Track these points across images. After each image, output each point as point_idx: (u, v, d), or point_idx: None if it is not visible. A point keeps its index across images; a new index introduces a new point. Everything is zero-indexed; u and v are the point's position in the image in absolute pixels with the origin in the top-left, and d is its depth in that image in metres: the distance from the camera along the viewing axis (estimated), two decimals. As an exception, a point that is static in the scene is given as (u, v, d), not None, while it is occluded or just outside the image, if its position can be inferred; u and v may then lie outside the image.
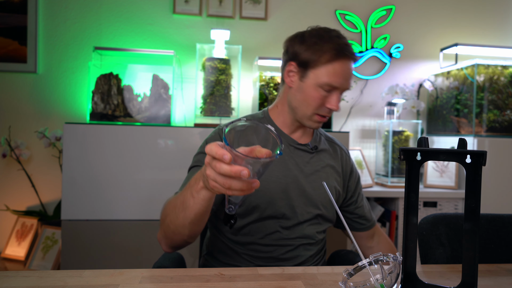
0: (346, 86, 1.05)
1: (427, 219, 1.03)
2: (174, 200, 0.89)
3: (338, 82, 1.02)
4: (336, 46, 1.03)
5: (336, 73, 1.02)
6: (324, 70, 1.02)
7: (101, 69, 1.91)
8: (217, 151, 0.64)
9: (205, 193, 0.78)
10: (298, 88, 1.06)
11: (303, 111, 1.06)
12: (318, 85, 1.03)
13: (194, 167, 1.05)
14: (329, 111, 1.05)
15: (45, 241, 1.94)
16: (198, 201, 0.80)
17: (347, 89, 1.06)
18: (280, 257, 1.04)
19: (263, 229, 1.04)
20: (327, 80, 1.02)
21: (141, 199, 1.74)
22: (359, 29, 2.37)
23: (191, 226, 0.86)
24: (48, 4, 2.13)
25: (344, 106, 2.37)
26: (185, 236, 0.89)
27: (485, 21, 2.51)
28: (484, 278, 0.80)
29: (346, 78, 1.03)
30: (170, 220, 0.88)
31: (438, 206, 2.06)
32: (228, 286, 0.72)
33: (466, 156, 0.60)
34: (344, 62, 1.02)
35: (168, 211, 0.89)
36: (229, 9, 2.23)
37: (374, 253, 0.61)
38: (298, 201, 1.06)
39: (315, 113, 1.05)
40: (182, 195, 0.84)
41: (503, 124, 2.10)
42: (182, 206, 0.83)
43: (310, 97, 1.04)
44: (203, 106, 1.98)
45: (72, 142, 1.70)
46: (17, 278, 0.72)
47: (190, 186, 0.82)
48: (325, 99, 1.04)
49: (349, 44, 1.06)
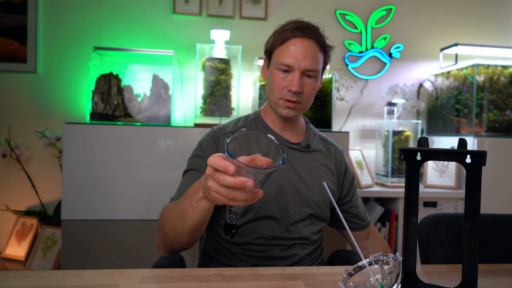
0: (302, 65, 1.01)
1: (427, 219, 1.03)
2: (172, 208, 0.89)
3: (291, 61, 1.01)
4: (290, 27, 1.03)
5: (289, 52, 1.01)
6: (279, 51, 1.03)
7: (101, 69, 1.91)
8: (220, 163, 0.63)
9: (205, 204, 0.78)
10: (268, 77, 1.09)
11: (271, 98, 1.07)
12: (276, 68, 1.03)
13: (189, 171, 1.05)
14: (292, 94, 1.02)
15: (45, 241, 1.94)
16: (198, 211, 0.80)
17: (307, 69, 1.02)
18: (276, 256, 1.05)
19: (258, 229, 1.04)
20: (281, 59, 1.02)
21: (141, 199, 1.74)
22: (359, 29, 2.37)
23: (190, 234, 0.86)
24: (48, 4, 2.13)
25: (344, 106, 2.37)
26: (184, 243, 0.90)
27: (485, 21, 2.51)
28: (484, 278, 0.80)
29: (299, 55, 1.00)
30: (169, 228, 0.88)
31: (438, 206, 2.06)
32: (228, 286, 0.72)
33: (466, 156, 0.60)
34: (298, 40, 1.01)
35: (166, 219, 0.90)
36: (229, 9, 2.23)
37: (374, 253, 0.61)
38: (292, 200, 1.06)
39: (280, 98, 1.04)
40: (181, 204, 0.84)
41: (503, 124, 2.10)
42: (181, 215, 0.83)
43: (272, 82, 1.05)
44: (203, 106, 1.98)
45: (72, 142, 1.70)
46: (17, 278, 0.72)
47: (189, 195, 0.81)
48: (286, 81, 1.03)
49: (308, 25, 1.04)
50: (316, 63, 1.03)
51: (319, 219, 1.11)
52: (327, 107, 2.04)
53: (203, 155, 1.05)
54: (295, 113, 1.06)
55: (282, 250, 1.05)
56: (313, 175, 1.10)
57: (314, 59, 1.02)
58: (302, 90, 1.02)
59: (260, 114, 1.14)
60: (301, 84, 1.02)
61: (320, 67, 1.05)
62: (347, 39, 2.37)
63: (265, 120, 1.12)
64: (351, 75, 2.37)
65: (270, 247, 1.04)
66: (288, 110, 1.04)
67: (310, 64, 1.01)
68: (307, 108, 1.08)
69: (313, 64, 1.02)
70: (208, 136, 1.09)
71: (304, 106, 1.06)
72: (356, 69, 2.38)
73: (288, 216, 1.05)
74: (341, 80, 2.34)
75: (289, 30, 1.02)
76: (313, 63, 1.02)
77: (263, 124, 1.12)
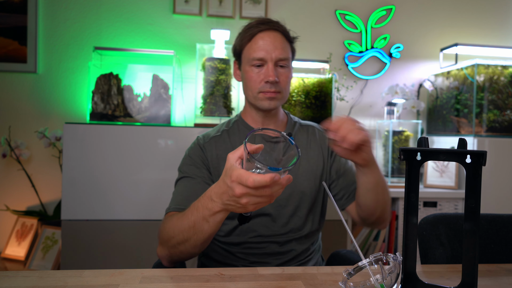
0: (273, 55, 1.04)
1: (427, 219, 1.03)
2: (179, 222, 0.87)
3: (262, 53, 1.04)
4: (255, 23, 1.06)
5: (259, 46, 1.04)
6: (248, 48, 1.06)
7: (101, 69, 1.91)
8: (262, 180, 0.64)
9: (223, 216, 0.78)
10: (241, 78, 1.12)
11: (249, 95, 1.09)
12: (249, 64, 1.06)
13: (182, 179, 1.06)
14: (270, 85, 1.05)
15: (45, 241, 1.94)
16: (214, 224, 0.80)
17: (279, 58, 1.05)
18: (274, 252, 1.06)
19: (253, 227, 1.05)
20: (253, 55, 1.05)
21: (141, 199, 1.74)
22: (359, 29, 2.37)
23: (202, 246, 0.86)
24: (48, 4, 2.13)
25: (344, 106, 2.37)
26: (194, 254, 0.90)
27: (485, 21, 2.51)
28: (484, 278, 0.80)
29: (269, 47, 1.04)
30: (178, 242, 0.87)
31: (438, 206, 2.06)
32: (228, 286, 0.72)
33: (466, 156, 0.60)
34: (265, 33, 1.05)
35: (173, 234, 0.88)
36: (229, 9, 2.23)
37: (374, 254, 0.61)
38: (283, 193, 1.06)
39: (259, 92, 1.06)
40: (192, 219, 0.82)
41: (503, 124, 2.10)
42: (194, 229, 0.82)
43: (248, 79, 1.07)
44: (203, 106, 1.98)
45: (72, 142, 1.70)
46: (17, 278, 0.72)
47: (197, 210, 0.80)
48: (261, 75, 1.05)
49: (270, 19, 1.08)
50: (286, 52, 1.06)
51: (311, 207, 1.10)
52: (327, 107, 2.04)
53: (193, 163, 1.07)
54: (276, 103, 1.08)
55: (279, 246, 1.06)
56: (300, 163, 1.10)
57: (284, 49, 1.06)
58: (278, 80, 1.05)
59: (241, 116, 1.17)
60: (277, 74, 1.05)
61: (290, 56, 1.09)
62: (347, 39, 2.37)
63: (246, 121, 1.14)
64: (351, 75, 2.37)
65: (267, 244, 1.06)
66: (269, 101, 1.06)
67: (281, 53, 1.05)
68: (286, 97, 1.10)
69: (284, 53, 1.06)
70: (195, 145, 1.12)
71: (283, 95, 1.08)
72: (356, 69, 2.38)
73: (281, 211, 1.06)
74: (341, 80, 2.34)
75: (254, 26, 1.06)
76: (282, 52, 1.05)
77: (244, 124, 1.14)
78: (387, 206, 1.06)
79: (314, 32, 2.34)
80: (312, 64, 2.19)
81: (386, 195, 1.04)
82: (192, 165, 1.06)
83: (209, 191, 0.78)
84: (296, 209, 1.08)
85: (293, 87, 2.03)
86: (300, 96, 2.02)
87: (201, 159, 1.07)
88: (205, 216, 0.79)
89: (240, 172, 0.66)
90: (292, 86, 2.03)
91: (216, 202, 0.75)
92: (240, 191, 0.67)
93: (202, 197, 0.80)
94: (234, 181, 0.67)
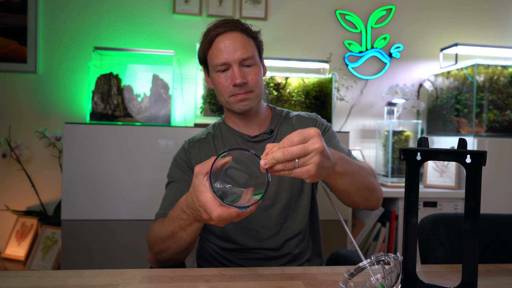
0: (235, 57, 1.00)
1: (427, 219, 1.03)
2: (159, 230, 0.90)
3: (224, 57, 1.00)
4: (212, 27, 1.03)
5: (219, 50, 1.01)
6: (210, 54, 1.03)
7: (101, 69, 1.91)
8: (228, 216, 0.66)
9: (198, 225, 0.81)
10: (212, 84, 1.09)
11: (222, 100, 1.07)
12: (215, 71, 1.03)
13: (170, 184, 1.08)
14: (239, 88, 1.02)
15: (45, 241, 1.93)
16: (192, 232, 0.83)
17: (242, 58, 1.01)
18: (269, 256, 1.06)
19: (244, 232, 1.06)
20: (215, 61, 1.02)
21: (141, 199, 1.74)
22: (359, 29, 2.37)
23: (186, 250, 0.89)
24: (48, 4, 2.13)
25: (344, 106, 2.37)
26: (180, 259, 0.93)
27: (485, 21, 2.51)
28: (484, 278, 0.80)
29: (230, 50, 1.00)
30: (161, 250, 0.90)
31: (438, 206, 2.06)
32: (228, 286, 0.72)
33: (466, 156, 0.60)
34: (223, 36, 1.01)
35: (156, 242, 0.91)
36: (229, 9, 2.23)
37: (375, 254, 0.61)
38: (267, 195, 1.06)
39: (230, 96, 1.04)
40: (170, 228, 0.85)
41: (503, 124, 2.10)
42: (173, 238, 0.85)
43: (217, 85, 1.05)
44: (203, 106, 1.98)
45: (72, 142, 1.70)
46: (17, 278, 0.72)
47: (176, 218, 0.83)
48: (228, 79, 1.02)
49: (227, 20, 1.04)
50: (248, 51, 1.02)
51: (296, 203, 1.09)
52: (327, 107, 2.04)
53: (179, 167, 1.09)
54: (251, 103, 1.04)
55: (275, 247, 1.06)
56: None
57: (245, 47, 1.02)
58: (246, 80, 1.02)
59: (224, 120, 1.16)
60: (243, 75, 1.02)
61: (255, 53, 1.05)
62: (347, 39, 2.37)
63: (228, 124, 1.13)
64: (351, 75, 2.37)
65: (262, 250, 1.06)
66: (243, 103, 1.03)
67: (243, 53, 1.01)
68: (261, 95, 1.07)
69: (246, 53, 1.02)
70: (181, 149, 1.13)
71: (257, 93, 1.05)
72: (356, 69, 2.38)
73: (268, 211, 1.06)
74: (341, 80, 2.34)
75: (212, 30, 1.02)
76: (245, 51, 1.01)
77: (227, 127, 1.12)
78: (370, 193, 0.96)
79: (314, 32, 2.34)
80: (312, 64, 2.19)
81: (365, 183, 0.92)
82: (178, 169, 1.08)
83: (181, 203, 0.80)
84: (280, 208, 1.07)
85: (293, 87, 2.03)
86: (300, 96, 2.02)
87: (186, 163, 1.08)
88: (181, 226, 0.82)
89: (206, 199, 0.68)
90: (292, 86, 2.04)
91: (188, 215, 0.78)
92: (207, 217, 0.70)
93: (176, 208, 0.83)
94: (201, 206, 0.69)
